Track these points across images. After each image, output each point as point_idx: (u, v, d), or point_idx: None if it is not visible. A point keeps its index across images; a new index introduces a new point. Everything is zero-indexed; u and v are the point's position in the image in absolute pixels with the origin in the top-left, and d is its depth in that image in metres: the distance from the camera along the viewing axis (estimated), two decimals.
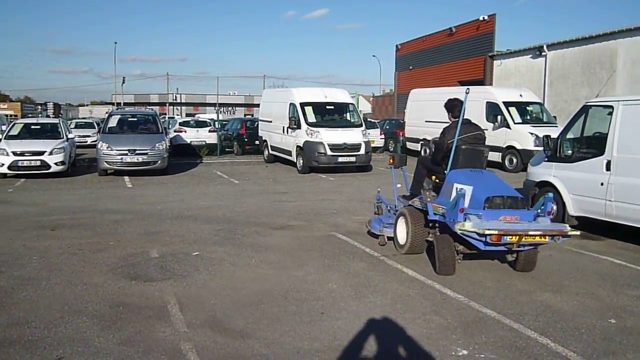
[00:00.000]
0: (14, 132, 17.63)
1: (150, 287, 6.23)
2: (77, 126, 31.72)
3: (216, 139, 25.10)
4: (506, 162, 18.78)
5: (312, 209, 11.20)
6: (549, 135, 10.04)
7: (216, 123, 26.98)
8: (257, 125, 23.80)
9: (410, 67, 41.54)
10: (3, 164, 15.75)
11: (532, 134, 18.09)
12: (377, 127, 27.45)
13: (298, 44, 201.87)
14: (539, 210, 6.52)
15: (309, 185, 15.25)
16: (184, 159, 21.83)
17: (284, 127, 18.95)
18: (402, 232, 7.65)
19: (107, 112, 28.87)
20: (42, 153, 15.94)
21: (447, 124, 7.48)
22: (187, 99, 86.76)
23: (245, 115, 71.96)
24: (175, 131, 24.76)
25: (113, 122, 18.66)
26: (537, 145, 16.51)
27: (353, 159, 17.64)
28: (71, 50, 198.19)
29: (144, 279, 6.52)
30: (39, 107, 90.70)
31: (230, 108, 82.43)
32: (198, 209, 11.13)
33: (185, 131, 25.04)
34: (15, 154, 15.77)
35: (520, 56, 30.00)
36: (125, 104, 69.92)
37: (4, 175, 15.97)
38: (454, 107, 7.51)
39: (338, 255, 7.69)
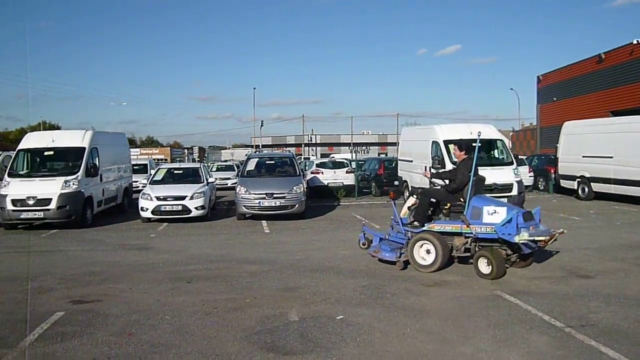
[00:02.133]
0: (158, 177, 18.04)
1: None
2: (218, 169, 32.63)
3: (353, 180, 24.31)
4: None
5: None
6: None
7: (352, 163, 26.26)
8: (396, 164, 22.75)
9: (555, 99, 38.78)
10: (147, 209, 15.98)
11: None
12: (525, 164, 25.24)
13: (430, 81, 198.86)
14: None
15: None
16: (321, 201, 21.23)
17: (425, 167, 17.70)
18: (426, 255, 8.86)
19: (246, 155, 29.30)
20: (183, 198, 16.00)
21: (465, 161, 9.20)
22: (322, 140, 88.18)
23: (379, 154, 71.41)
24: (312, 172, 24.33)
25: (251, 165, 18.54)
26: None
27: (504, 199, 15.93)
28: (215, 98, 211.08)
29: (283, 351, 5.57)
30: (186, 150, 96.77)
31: (364, 147, 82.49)
32: (339, 259, 10.17)
33: (322, 172, 24.51)
34: (158, 198, 15.95)
35: None
36: (264, 145, 72.32)
37: (148, 220, 16.19)
38: (468, 147, 9.42)
39: (510, 324, 6.30)
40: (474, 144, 9.30)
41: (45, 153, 16.51)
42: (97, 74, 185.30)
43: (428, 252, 8.83)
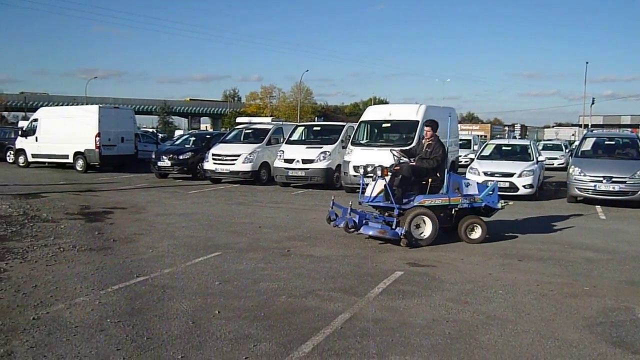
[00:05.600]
0: (486, 152, 18.05)
1: None
2: (544, 148, 31.11)
3: None
4: None
5: None
6: None
7: None
8: None
9: None
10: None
11: None
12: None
13: None
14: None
15: None
16: None
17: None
18: (424, 228, 9.29)
19: (573, 135, 27.33)
20: (511, 175, 15.72)
21: (436, 139, 9.83)
22: None
23: None
24: None
25: (587, 145, 17.20)
26: None
27: None
28: (539, 74, 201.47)
29: (632, 349, 5.08)
30: (506, 128, 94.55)
31: None
32: None
33: None
34: (485, 174, 15.95)
35: None
36: (593, 125, 66.42)
37: None
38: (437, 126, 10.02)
39: None
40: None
41: (383, 125, 17.85)
42: (422, 52, 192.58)
43: (418, 226, 9.23)
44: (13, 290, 6.49)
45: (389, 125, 17.78)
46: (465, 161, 26.87)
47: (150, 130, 42.70)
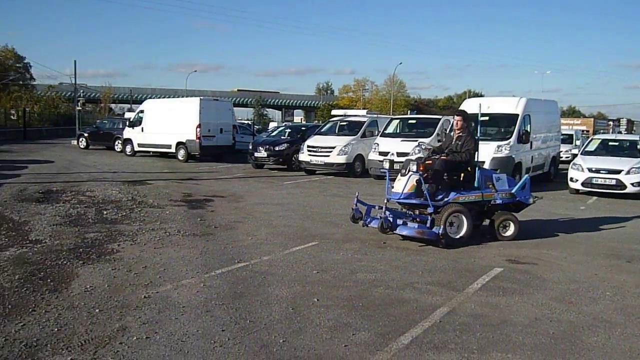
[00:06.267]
0: (591, 147, 17.22)
1: None
2: None
3: None
4: None
5: None
6: None
7: None
8: None
9: None
10: (577, 180, 15.44)
11: None
12: None
13: None
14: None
15: None
16: None
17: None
18: (459, 226, 8.66)
19: None
20: (618, 172, 14.89)
21: (467, 131, 9.29)
22: None
23: None
24: None
25: None
26: None
27: None
28: None
29: None
30: (611, 122, 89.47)
31: None
32: None
33: None
34: (590, 170, 15.22)
35: None
36: None
37: (577, 191, 15.64)
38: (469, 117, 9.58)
39: None
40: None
41: (481, 118, 17.36)
42: (521, 43, 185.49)
43: (451, 224, 8.62)
44: (125, 270, 6.92)
45: (487, 118, 17.28)
46: (567, 157, 25.74)
47: (246, 122, 43.80)
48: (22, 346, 4.59)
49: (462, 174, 9.06)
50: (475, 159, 9.26)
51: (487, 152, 15.62)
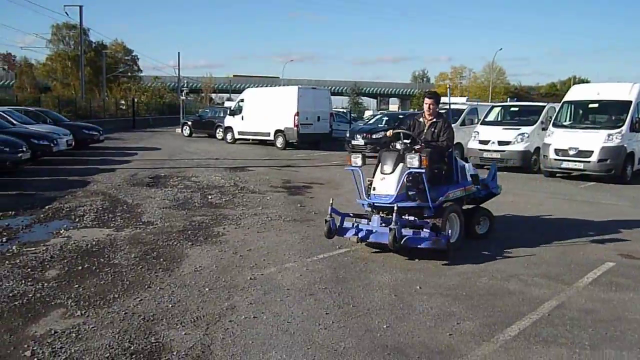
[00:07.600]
0: None
1: None
2: None
3: None
4: None
5: None
6: None
7: None
8: None
9: None
10: None
11: None
12: None
13: None
14: None
15: None
16: None
17: None
18: (452, 227, 7.27)
19: None
20: None
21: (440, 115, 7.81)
22: None
23: None
24: None
25: None
26: None
27: None
28: None
29: None
30: None
31: None
32: None
33: None
34: None
35: None
36: None
37: None
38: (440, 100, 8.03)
39: None
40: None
41: (590, 105, 16.52)
42: (634, 24, 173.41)
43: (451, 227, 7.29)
44: (231, 252, 7.20)
45: (596, 105, 16.41)
46: None
47: (341, 110, 44.05)
48: (140, 320, 4.90)
49: (445, 167, 7.73)
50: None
51: (596, 141, 14.86)
